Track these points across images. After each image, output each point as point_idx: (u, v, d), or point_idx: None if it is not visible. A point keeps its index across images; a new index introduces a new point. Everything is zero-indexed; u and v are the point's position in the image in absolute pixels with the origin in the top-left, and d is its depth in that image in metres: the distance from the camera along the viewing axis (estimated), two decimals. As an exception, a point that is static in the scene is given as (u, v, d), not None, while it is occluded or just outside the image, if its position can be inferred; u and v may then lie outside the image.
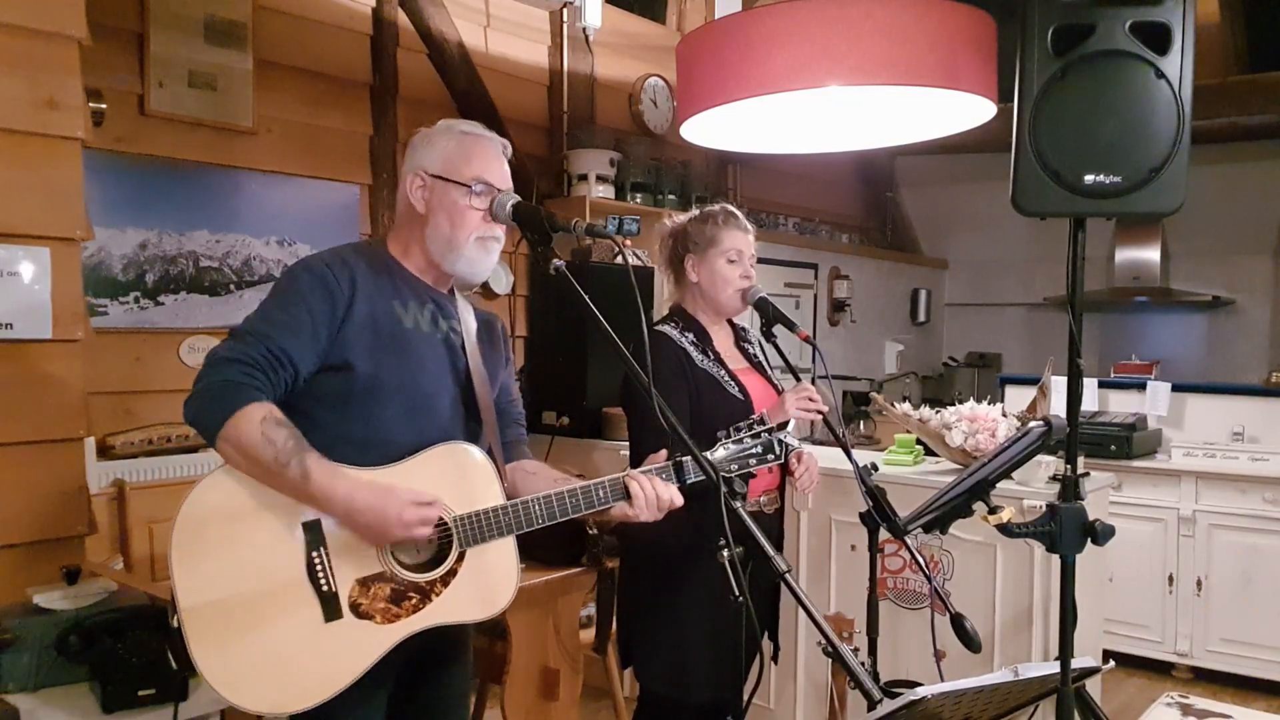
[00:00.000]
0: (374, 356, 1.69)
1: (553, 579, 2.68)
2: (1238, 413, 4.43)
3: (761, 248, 2.67)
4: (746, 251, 2.43)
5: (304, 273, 1.70)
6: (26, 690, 1.98)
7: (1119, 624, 4.21)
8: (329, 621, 1.60)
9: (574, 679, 2.80)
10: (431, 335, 1.79)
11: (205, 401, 1.58)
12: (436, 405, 1.76)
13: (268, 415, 1.57)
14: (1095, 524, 1.78)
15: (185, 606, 1.54)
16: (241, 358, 1.60)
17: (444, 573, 1.67)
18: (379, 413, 1.69)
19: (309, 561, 1.60)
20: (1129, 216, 2.01)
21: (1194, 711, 1.82)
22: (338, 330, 1.67)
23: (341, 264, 1.72)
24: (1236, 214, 6.20)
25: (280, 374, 1.62)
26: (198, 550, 1.56)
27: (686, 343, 2.38)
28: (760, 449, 1.78)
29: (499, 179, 1.79)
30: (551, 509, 1.69)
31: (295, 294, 1.67)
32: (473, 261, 1.79)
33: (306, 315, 1.65)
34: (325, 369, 1.68)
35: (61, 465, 2.45)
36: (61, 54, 2.42)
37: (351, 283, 1.70)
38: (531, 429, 4.23)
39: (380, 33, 4.12)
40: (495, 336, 1.96)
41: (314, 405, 1.68)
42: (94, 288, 3.27)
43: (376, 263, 1.78)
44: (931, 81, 2.78)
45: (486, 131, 1.85)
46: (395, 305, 1.75)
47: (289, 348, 1.63)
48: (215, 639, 1.55)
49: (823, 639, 1.50)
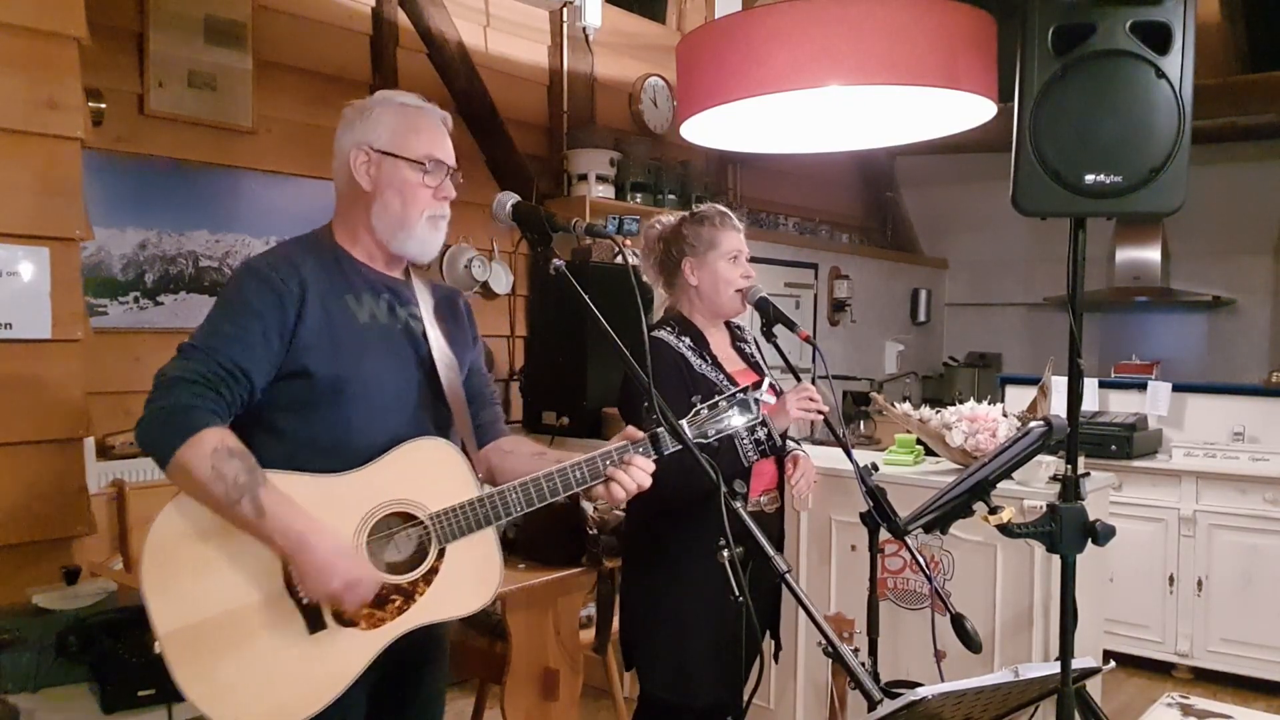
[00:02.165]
0: (333, 359, 1.63)
1: (553, 579, 2.67)
2: (1238, 413, 4.42)
3: (761, 248, 2.68)
4: (745, 251, 2.43)
5: (249, 279, 1.63)
6: (26, 690, 1.98)
7: (1119, 624, 4.20)
8: (313, 633, 1.57)
9: (574, 679, 2.80)
10: (390, 327, 1.72)
11: (155, 427, 1.52)
12: (403, 400, 1.70)
13: (219, 445, 1.50)
14: (1096, 524, 1.78)
15: (164, 633, 1.51)
16: (192, 376, 1.53)
17: (425, 571, 1.63)
18: (344, 415, 1.63)
19: (287, 575, 1.56)
20: (1129, 216, 2.01)
21: (1194, 712, 1.81)
22: (291, 336, 1.61)
23: (288, 265, 1.65)
24: (1236, 214, 6.20)
25: (234, 390, 1.56)
26: (170, 574, 1.53)
27: (684, 347, 2.37)
28: (736, 409, 1.71)
29: (448, 154, 1.75)
30: (529, 495, 1.65)
31: (242, 303, 1.60)
32: (423, 241, 1.73)
33: (257, 324, 1.58)
34: (283, 377, 1.61)
35: (61, 465, 2.45)
36: (61, 54, 2.43)
37: (300, 284, 1.63)
38: (531, 429, 4.25)
39: (380, 33, 4.12)
40: (458, 313, 1.88)
41: (276, 414, 1.63)
42: (94, 288, 3.27)
43: (325, 256, 1.71)
44: (931, 81, 2.78)
45: (427, 104, 1.79)
46: (349, 300, 1.68)
47: (241, 361, 1.56)
48: (198, 663, 1.52)
49: (823, 639, 1.49)
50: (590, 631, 2.99)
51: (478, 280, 4.36)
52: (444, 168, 1.73)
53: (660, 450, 1.67)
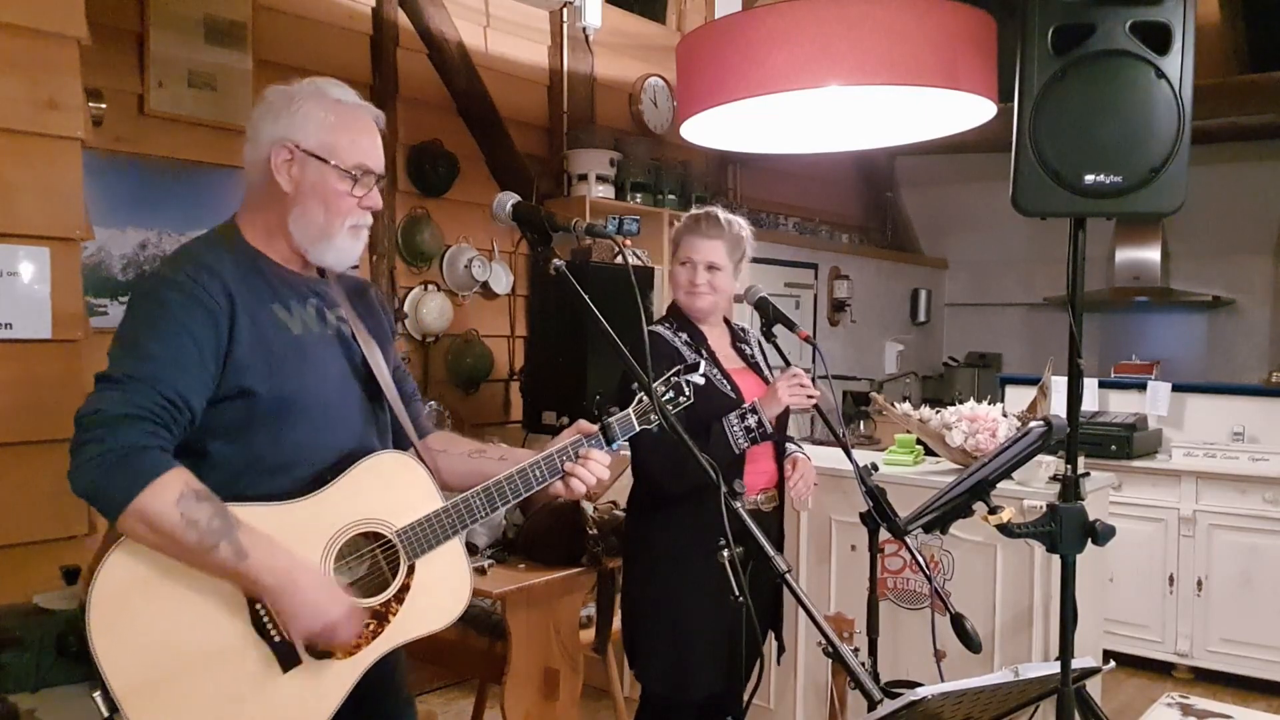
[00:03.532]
0: (272, 376, 1.50)
1: (553, 579, 2.67)
2: (1238, 413, 4.42)
3: (762, 248, 2.67)
4: (700, 259, 2.40)
5: (172, 293, 1.46)
6: (26, 690, 1.98)
7: (1119, 624, 4.20)
8: (287, 670, 1.48)
9: (574, 679, 2.80)
10: (322, 334, 1.62)
11: (103, 474, 1.36)
12: (345, 411, 1.61)
13: (184, 490, 1.38)
14: (1095, 524, 1.78)
15: (122, 694, 1.38)
16: (137, 413, 1.39)
17: (397, 590, 1.57)
18: (288, 434, 1.52)
19: (253, 613, 1.46)
20: (1129, 216, 2.01)
21: (1194, 712, 1.81)
22: (225, 355, 1.47)
23: (209, 274, 1.49)
24: (1236, 214, 6.21)
25: (179, 422, 1.43)
26: (123, 628, 1.40)
27: (679, 343, 2.39)
28: (672, 393, 1.76)
29: (378, 162, 1.61)
30: (491, 498, 1.61)
31: (169, 320, 1.44)
32: (342, 251, 1.61)
33: (191, 345, 1.44)
34: (219, 400, 1.48)
35: (61, 465, 2.43)
36: (61, 54, 2.42)
37: (228, 297, 1.49)
38: (532, 429, 4.25)
39: (380, 33, 4.12)
40: (372, 305, 1.76)
41: (211, 440, 1.49)
42: (94, 288, 3.27)
43: (242, 261, 1.56)
44: (931, 81, 2.78)
45: (359, 100, 1.65)
46: (276, 310, 1.55)
47: (181, 389, 1.42)
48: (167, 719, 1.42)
49: (823, 639, 1.49)
50: (590, 631, 2.99)
51: (478, 280, 4.37)
52: (373, 177, 1.60)
53: (611, 440, 1.68)
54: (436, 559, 1.61)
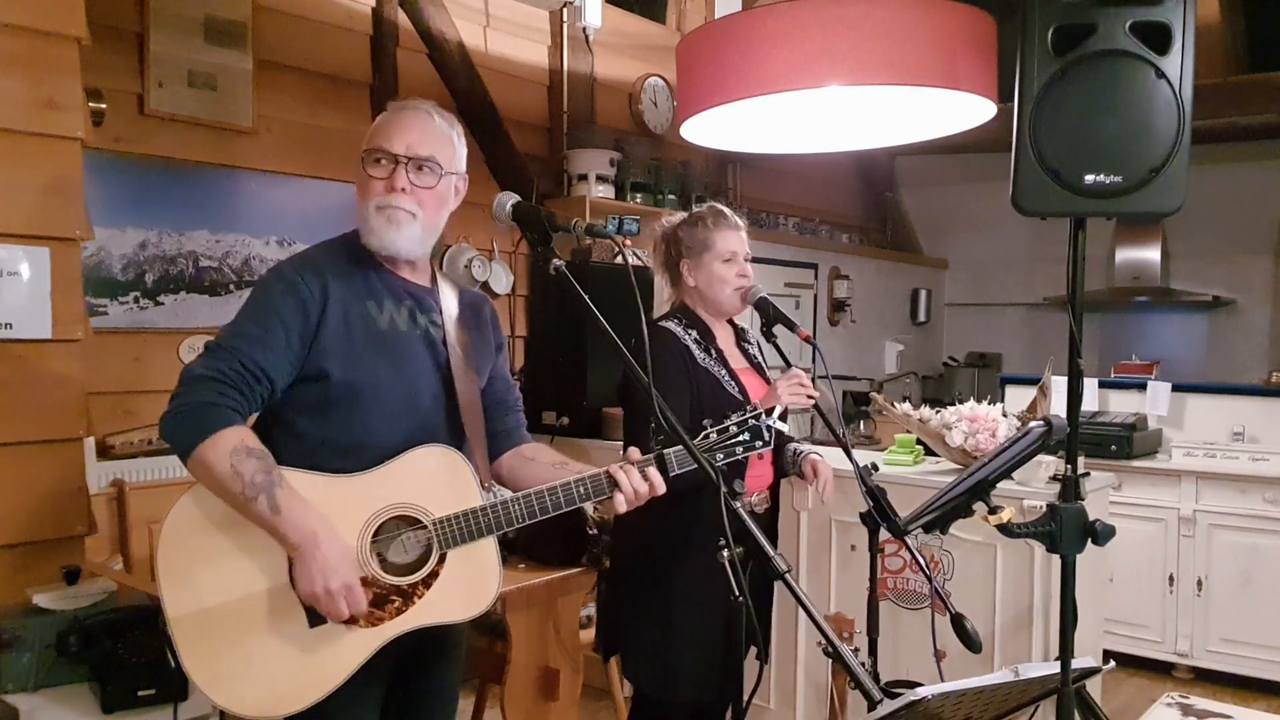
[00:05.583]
0: (351, 364, 1.67)
1: (553, 579, 2.68)
2: (1238, 413, 4.43)
3: (761, 248, 2.67)
4: (740, 250, 2.42)
5: (276, 282, 1.68)
6: (26, 690, 1.98)
7: (1119, 624, 4.21)
8: (313, 627, 1.61)
9: (574, 679, 2.80)
10: (410, 333, 1.76)
11: (178, 423, 1.58)
12: (418, 405, 1.74)
13: (239, 445, 1.56)
14: (1095, 524, 1.78)
15: (173, 617, 1.57)
16: (215, 375, 1.59)
17: (425, 575, 1.67)
18: (360, 419, 1.68)
19: (291, 567, 1.60)
20: (1129, 216, 2.01)
21: (1194, 712, 1.82)
22: (312, 340, 1.66)
23: (313, 270, 1.69)
24: (1236, 214, 6.20)
25: (255, 389, 1.62)
26: (184, 561, 1.59)
27: (690, 340, 2.38)
28: (748, 435, 1.75)
29: (397, 144, 1.70)
30: (531, 508, 1.69)
31: (267, 305, 1.66)
32: (376, 233, 1.72)
33: (279, 327, 1.64)
34: (303, 379, 1.67)
35: (61, 465, 2.44)
36: (61, 54, 2.42)
37: (323, 290, 1.68)
38: (532, 429, 4.22)
39: (380, 33, 4.12)
40: (482, 320, 1.93)
41: (294, 415, 1.68)
42: (94, 288, 3.27)
43: (351, 261, 1.75)
44: (931, 81, 2.78)
45: (418, 101, 1.79)
46: (369, 306, 1.72)
47: (263, 362, 1.62)
48: (205, 647, 1.58)
49: (823, 639, 1.50)
50: (590, 631, 2.99)
51: (478, 280, 4.33)
52: (390, 158, 1.71)
53: (666, 473, 1.69)
54: (470, 554, 1.69)
